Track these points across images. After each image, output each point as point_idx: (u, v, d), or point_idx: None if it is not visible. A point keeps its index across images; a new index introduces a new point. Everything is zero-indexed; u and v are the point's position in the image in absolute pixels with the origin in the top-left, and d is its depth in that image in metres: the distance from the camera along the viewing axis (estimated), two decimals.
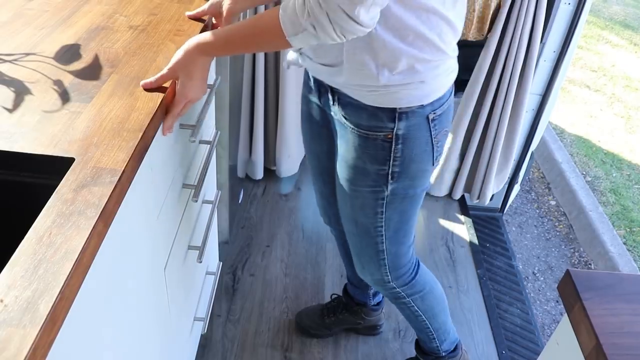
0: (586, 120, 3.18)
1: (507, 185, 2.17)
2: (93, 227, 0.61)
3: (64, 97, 0.82)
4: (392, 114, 0.97)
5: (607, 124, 3.15)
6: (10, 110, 0.79)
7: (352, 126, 1.02)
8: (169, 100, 0.89)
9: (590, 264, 2.19)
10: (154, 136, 0.83)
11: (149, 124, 0.78)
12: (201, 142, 1.21)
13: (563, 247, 2.27)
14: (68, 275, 0.55)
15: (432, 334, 1.41)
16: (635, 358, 0.55)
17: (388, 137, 0.99)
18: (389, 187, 1.05)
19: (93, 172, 0.69)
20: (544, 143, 2.90)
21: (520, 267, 2.12)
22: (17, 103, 0.80)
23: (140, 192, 0.82)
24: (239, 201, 2.11)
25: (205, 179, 1.13)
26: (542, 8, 1.72)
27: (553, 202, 2.54)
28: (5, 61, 0.90)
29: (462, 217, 2.21)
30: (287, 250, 1.99)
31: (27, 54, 0.92)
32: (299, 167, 2.35)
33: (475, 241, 2.10)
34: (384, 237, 1.15)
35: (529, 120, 2.02)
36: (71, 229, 0.60)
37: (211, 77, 1.31)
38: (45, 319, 0.51)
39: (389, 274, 1.23)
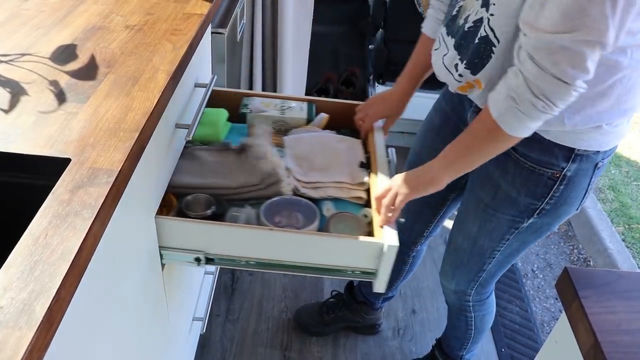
0: None
1: None
2: (89, 228, 0.61)
3: (60, 97, 0.82)
4: (569, 153, 0.91)
5: None
6: (6, 111, 0.78)
7: (517, 156, 0.96)
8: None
9: (589, 261, 2.19)
10: (151, 136, 0.82)
11: (145, 124, 0.78)
12: None
13: (562, 244, 2.27)
14: (64, 277, 0.55)
15: (467, 345, 1.43)
16: (634, 356, 0.55)
17: (555, 176, 0.94)
18: (530, 220, 1.02)
19: (89, 172, 0.68)
20: None
21: (519, 264, 2.12)
22: (13, 104, 0.80)
23: (137, 192, 0.82)
24: None
25: None
26: None
27: None
28: (1, 62, 0.89)
29: None
30: None
31: (23, 55, 0.92)
32: None
33: None
34: (494, 260, 1.13)
35: None
36: (67, 230, 0.60)
37: (207, 76, 1.31)
38: (42, 320, 0.51)
39: (474, 288, 1.22)
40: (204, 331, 1.45)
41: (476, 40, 0.91)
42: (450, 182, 0.96)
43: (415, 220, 1.36)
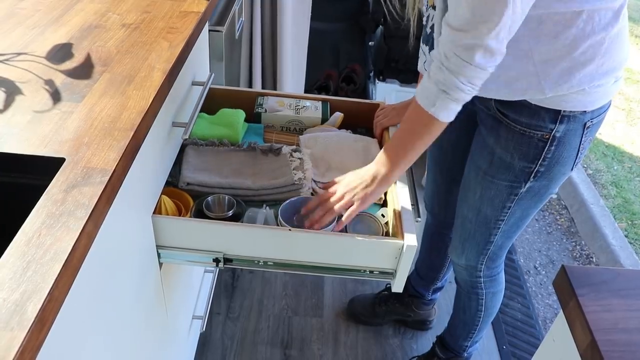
0: None
1: None
2: (83, 228, 0.60)
3: (55, 96, 0.82)
4: (556, 115, 0.97)
5: (607, 117, 3.13)
6: (0, 111, 0.78)
7: (509, 121, 1.01)
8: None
9: (591, 258, 2.18)
10: (146, 135, 0.82)
11: (140, 122, 0.78)
12: None
13: (564, 240, 2.26)
14: (57, 277, 0.55)
15: (473, 333, 1.43)
16: (630, 354, 0.54)
17: (545, 137, 0.99)
18: (527, 185, 1.06)
19: (83, 172, 0.68)
20: None
21: (522, 261, 2.11)
22: (8, 103, 0.80)
23: (132, 191, 0.81)
24: None
25: None
26: None
27: (554, 196, 2.54)
28: None
29: None
30: None
31: (19, 54, 0.92)
32: None
33: None
34: (499, 230, 1.16)
35: None
36: (60, 230, 0.60)
37: (205, 74, 1.31)
38: (34, 320, 0.50)
39: (484, 263, 1.25)
40: (204, 329, 1.45)
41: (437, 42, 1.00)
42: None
43: (447, 199, 1.37)
